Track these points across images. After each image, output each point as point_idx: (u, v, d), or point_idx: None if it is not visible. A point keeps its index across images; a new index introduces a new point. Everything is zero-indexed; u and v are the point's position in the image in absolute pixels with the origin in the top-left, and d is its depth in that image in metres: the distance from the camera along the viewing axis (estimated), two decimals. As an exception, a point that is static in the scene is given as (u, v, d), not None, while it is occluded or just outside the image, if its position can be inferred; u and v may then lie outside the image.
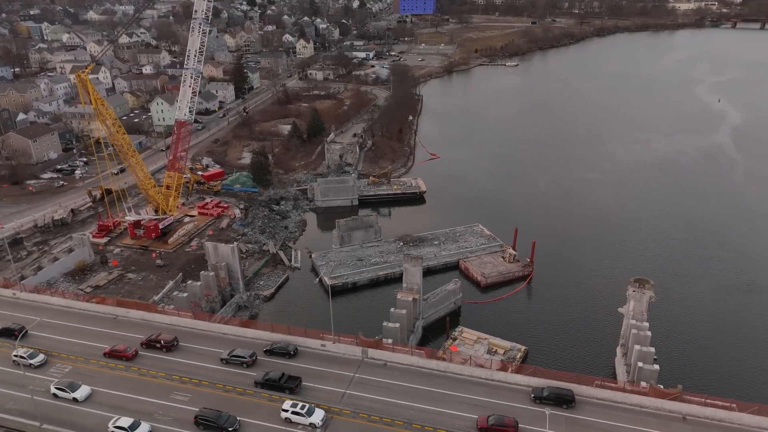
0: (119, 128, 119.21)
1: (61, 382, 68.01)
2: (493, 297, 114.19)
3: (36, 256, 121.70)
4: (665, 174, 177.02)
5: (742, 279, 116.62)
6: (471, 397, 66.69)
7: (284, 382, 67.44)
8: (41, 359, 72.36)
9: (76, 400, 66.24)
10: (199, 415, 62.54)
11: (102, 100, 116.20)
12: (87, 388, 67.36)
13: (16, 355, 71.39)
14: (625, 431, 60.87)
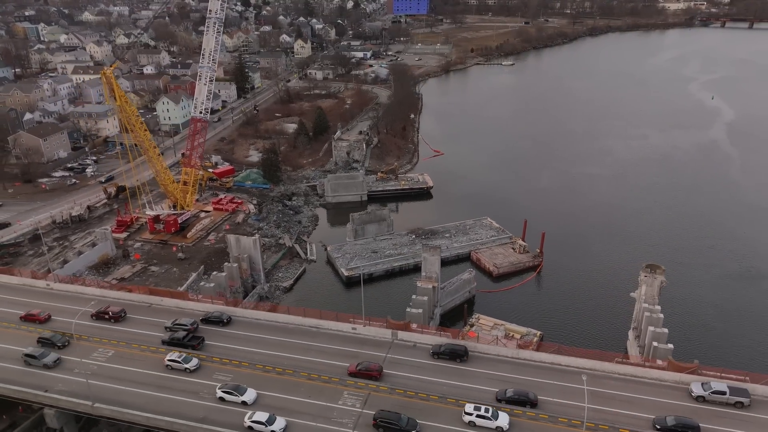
0: (141, 124, 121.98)
1: (228, 385, 66.87)
2: (506, 286, 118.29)
3: (57, 251, 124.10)
4: (664, 168, 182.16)
5: (744, 266, 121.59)
6: (499, 374, 70.34)
7: (188, 340, 74.98)
8: (195, 363, 70.63)
9: (245, 404, 64.93)
10: (378, 418, 61.53)
11: (126, 97, 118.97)
12: (254, 391, 66.19)
13: (171, 359, 70.89)
14: (647, 402, 64.73)
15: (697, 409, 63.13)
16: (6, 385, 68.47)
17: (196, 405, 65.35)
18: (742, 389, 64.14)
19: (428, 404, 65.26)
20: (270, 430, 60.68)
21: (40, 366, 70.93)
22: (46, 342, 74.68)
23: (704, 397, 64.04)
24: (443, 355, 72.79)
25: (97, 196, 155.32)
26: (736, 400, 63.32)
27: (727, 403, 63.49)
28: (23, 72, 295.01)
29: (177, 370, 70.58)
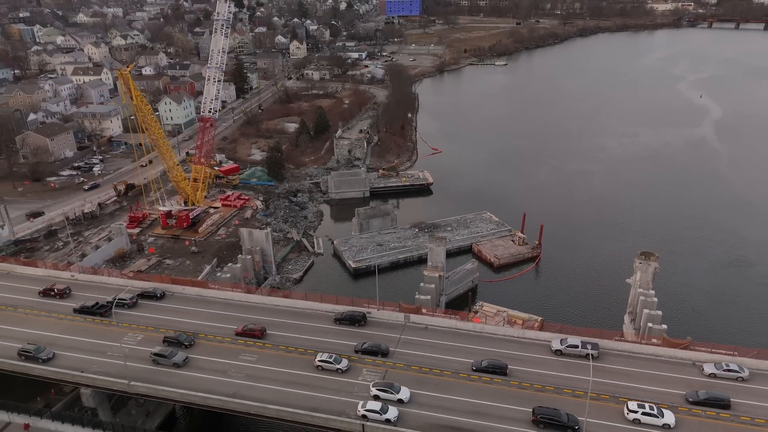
0: (156, 123, 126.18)
1: (381, 383, 67.63)
2: (507, 276, 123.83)
3: (73, 246, 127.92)
4: (655, 164, 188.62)
5: (732, 254, 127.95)
6: (506, 352, 75.34)
7: (96, 309, 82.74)
8: (346, 364, 71.15)
9: (401, 402, 65.26)
10: (539, 414, 61.39)
11: (141, 96, 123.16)
12: (407, 390, 66.45)
13: (322, 360, 71.50)
14: (643, 375, 70.10)
15: (692, 381, 68.69)
16: (44, 367, 72.58)
17: (352, 404, 65.64)
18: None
19: (442, 379, 70.26)
20: (384, 418, 62.61)
21: (170, 365, 72.03)
22: (173, 341, 75.49)
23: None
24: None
25: (106, 193, 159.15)
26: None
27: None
28: (23, 73, 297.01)
29: (328, 371, 71.16)
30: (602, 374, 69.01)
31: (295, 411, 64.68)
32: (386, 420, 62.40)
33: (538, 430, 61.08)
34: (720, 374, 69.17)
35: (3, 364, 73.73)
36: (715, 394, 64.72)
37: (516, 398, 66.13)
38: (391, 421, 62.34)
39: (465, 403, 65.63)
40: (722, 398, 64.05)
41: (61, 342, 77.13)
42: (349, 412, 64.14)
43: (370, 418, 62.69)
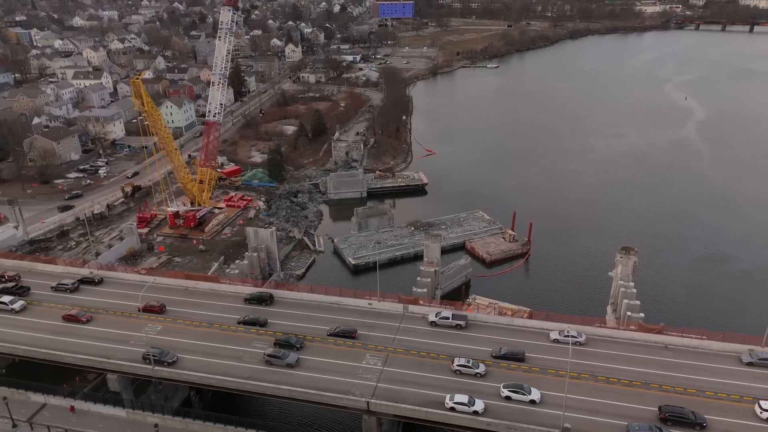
0: (165, 127, 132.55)
1: (511, 384, 69.84)
2: (498, 271, 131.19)
3: (84, 245, 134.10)
4: (640, 164, 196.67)
5: (710, 249, 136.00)
6: (496, 338, 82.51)
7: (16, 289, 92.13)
8: (483, 369, 73.05)
9: (533, 402, 67.58)
10: (667, 412, 63.90)
11: (152, 102, 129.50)
12: (538, 391, 68.78)
13: (460, 364, 73.92)
14: (621, 357, 77.38)
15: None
16: (75, 354, 78.93)
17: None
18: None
19: (435, 361, 77.28)
20: (472, 410, 66.61)
21: (283, 365, 75.43)
22: (284, 344, 78.84)
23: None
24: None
25: (113, 195, 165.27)
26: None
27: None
28: (24, 77, 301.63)
29: (466, 375, 73.51)
30: (584, 356, 76.44)
31: (306, 390, 71.59)
32: (474, 412, 66.42)
33: (666, 427, 63.70)
34: (673, 347, 77.93)
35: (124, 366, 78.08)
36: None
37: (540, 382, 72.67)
38: (479, 412, 66.45)
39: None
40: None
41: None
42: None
43: (458, 410, 66.54)
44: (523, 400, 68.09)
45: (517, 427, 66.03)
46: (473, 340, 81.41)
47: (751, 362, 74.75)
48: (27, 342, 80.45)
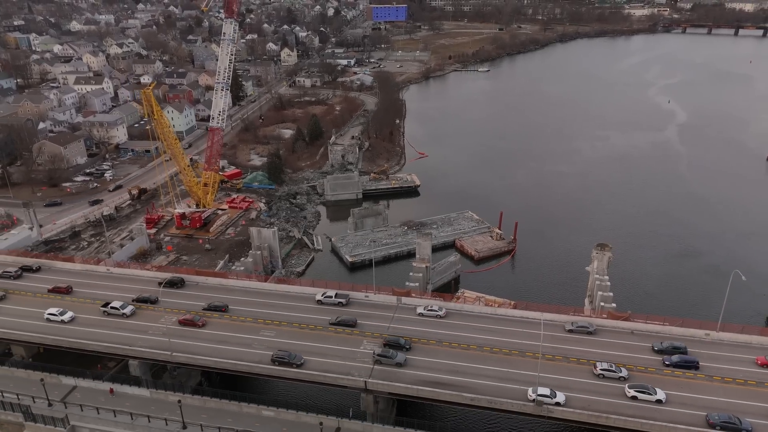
0: (172, 134, 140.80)
1: (637, 384, 73.27)
2: (486, 267, 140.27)
3: (96, 245, 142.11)
4: (622, 165, 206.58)
5: (683, 245, 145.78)
6: (482, 326, 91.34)
7: None
8: (625, 373, 75.89)
9: (659, 402, 70.82)
10: (719, 423, 67.49)
11: (161, 111, 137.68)
12: (662, 392, 71.86)
13: (603, 368, 76.61)
14: (591, 341, 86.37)
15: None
16: (99, 342, 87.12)
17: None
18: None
19: (429, 346, 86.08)
20: (555, 402, 71.40)
21: (393, 364, 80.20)
22: (393, 345, 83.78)
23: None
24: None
25: (120, 197, 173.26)
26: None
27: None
28: (25, 83, 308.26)
29: (610, 379, 76.66)
30: (551, 340, 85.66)
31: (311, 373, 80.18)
32: (556, 403, 71.58)
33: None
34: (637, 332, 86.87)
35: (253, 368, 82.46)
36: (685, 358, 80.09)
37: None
38: (561, 403, 71.71)
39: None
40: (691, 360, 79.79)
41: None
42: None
43: (545, 402, 71.77)
44: (650, 400, 71.86)
45: (497, 401, 74.94)
46: (456, 327, 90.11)
47: (570, 328, 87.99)
48: (150, 345, 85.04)
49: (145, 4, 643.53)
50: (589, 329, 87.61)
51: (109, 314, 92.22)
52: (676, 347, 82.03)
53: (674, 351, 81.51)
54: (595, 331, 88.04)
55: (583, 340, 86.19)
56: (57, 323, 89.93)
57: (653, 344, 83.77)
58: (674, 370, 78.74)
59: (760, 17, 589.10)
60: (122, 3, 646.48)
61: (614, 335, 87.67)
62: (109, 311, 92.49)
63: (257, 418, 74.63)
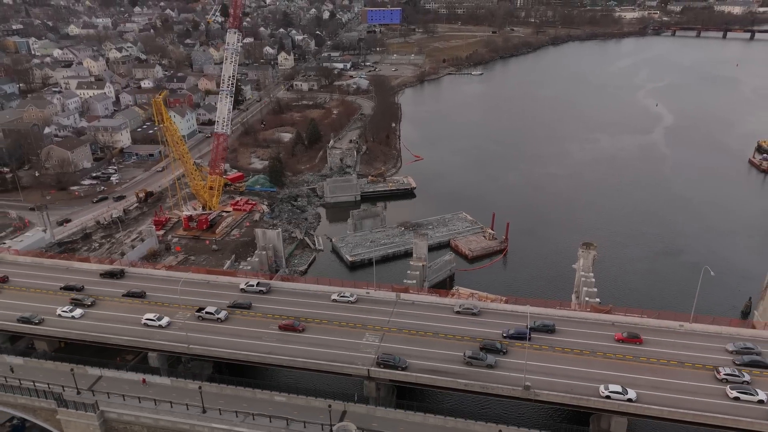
0: (180, 140, 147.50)
1: (742, 387, 77.59)
2: (479, 266, 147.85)
3: (107, 247, 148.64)
4: (611, 167, 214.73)
5: (665, 244, 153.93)
6: (475, 319, 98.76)
7: None
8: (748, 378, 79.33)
9: (761, 402, 74.45)
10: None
11: (171, 119, 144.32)
12: (763, 393, 75.46)
13: (726, 374, 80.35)
14: (574, 332, 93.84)
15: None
16: (120, 336, 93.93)
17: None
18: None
19: (425, 338, 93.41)
20: (627, 398, 76.50)
21: (483, 366, 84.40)
22: (490, 348, 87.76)
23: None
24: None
25: (127, 201, 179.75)
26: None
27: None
28: (27, 87, 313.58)
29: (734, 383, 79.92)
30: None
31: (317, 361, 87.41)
32: (628, 399, 76.59)
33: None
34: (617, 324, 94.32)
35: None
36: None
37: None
38: (633, 400, 76.59)
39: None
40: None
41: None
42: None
43: (613, 398, 77.10)
44: (751, 401, 75.83)
45: (489, 387, 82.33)
46: (459, 321, 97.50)
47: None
48: (249, 349, 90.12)
49: (142, 7, 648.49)
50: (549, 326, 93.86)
51: (204, 319, 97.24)
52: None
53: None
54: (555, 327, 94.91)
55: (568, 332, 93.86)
56: (155, 328, 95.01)
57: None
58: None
59: (748, 20, 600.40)
60: (119, 6, 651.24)
61: (597, 327, 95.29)
62: (204, 316, 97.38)
63: (270, 403, 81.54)
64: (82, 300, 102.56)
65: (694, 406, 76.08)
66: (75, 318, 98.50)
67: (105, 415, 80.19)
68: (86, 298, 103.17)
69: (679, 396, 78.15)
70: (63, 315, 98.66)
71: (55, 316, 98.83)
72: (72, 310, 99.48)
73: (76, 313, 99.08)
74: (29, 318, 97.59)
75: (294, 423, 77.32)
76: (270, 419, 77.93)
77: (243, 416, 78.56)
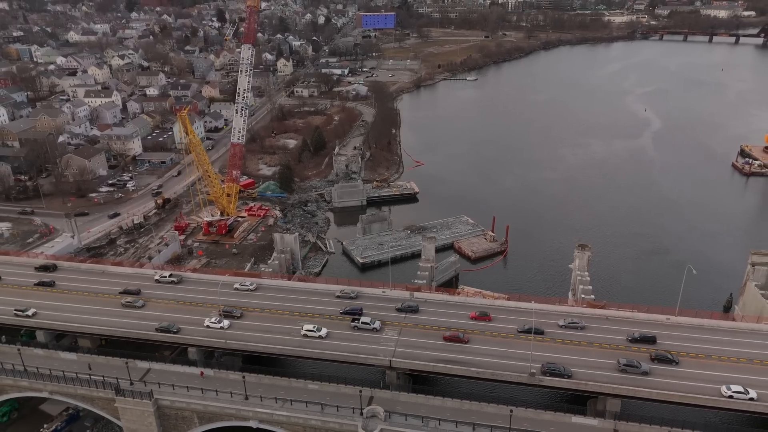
0: (203, 152, 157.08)
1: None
2: (481, 266, 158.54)
3: (132, 251, 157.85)
4: (602, 171, 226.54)
5: (654, 244, 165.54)
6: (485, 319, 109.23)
7: None
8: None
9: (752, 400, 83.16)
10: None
11: (194, 132, 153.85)
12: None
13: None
14: (571, 326, 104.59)
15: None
16: (158, 334, 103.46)
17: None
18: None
19: (436, 332, 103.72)
20: (748, 398, 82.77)
21: (639, 373, 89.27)
22: (662, 359, 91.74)
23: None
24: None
25: (144, 207, 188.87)
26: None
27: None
28: (35, 96, 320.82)
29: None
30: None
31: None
32: (750, 399, 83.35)
33: None
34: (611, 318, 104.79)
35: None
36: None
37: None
38: (754, 399, 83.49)
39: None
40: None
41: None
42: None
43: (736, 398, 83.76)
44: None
45: (500, 375, 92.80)
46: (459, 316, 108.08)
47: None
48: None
49: (139, 12, 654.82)
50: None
51: (359, 329, 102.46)
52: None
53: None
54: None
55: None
56: (315, 339, 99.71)
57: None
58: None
59: (733, 24, 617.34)
60: (116, 11, 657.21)
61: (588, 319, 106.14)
62: (359, 326, 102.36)
63: (304, 391, 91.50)
64: (231, 312, 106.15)
65: (672, 389, 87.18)
66: (224, 329, 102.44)
67: (159, 402, 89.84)
68: (235, 310, 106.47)
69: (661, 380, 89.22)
70: (212, 326, 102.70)
71: (203, 326, 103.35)
72: (319, 329, 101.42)
73: (225, 324, 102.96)
74: (168, 327, 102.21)
75: (328, 407, 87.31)
76: (306, 404, 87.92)
77: (282, 402, 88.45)
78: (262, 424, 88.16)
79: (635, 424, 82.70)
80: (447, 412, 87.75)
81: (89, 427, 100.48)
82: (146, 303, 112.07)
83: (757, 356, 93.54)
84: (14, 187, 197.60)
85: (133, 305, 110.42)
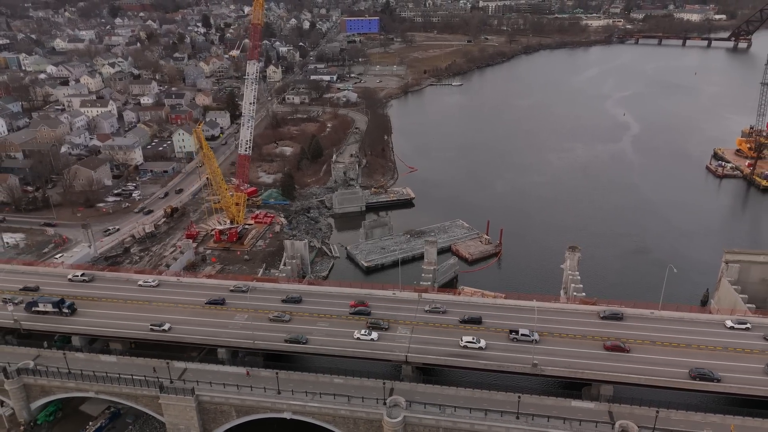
0: (216, 165, 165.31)
1: None
2: (478, 267, 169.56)
3: (146, 260, 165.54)
4: (586, 174, 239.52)
5: (636, 243, 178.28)
6: (487, 312, 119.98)
7: None
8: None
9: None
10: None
11: (208, 146, 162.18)
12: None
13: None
14: (564, 321, 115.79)
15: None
16: (192, 336, 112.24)
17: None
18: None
19: (445, 329, 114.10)
20: None
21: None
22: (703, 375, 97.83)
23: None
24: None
25: (153, 216, 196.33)
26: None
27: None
28: (30, 106, 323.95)
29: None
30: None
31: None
32: None
33: None
34: (605, 315, 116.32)
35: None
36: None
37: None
38: None
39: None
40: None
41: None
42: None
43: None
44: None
45: (507, 366, 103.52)
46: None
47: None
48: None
49: (123, 18, 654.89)
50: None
51: (518, 341, 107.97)
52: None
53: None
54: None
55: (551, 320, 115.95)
56: (475, 350, 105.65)
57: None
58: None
59: (705, 27, 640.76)
60: (99, 17, 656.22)
61: (581, 315, 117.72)
62: (519, 338, 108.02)
63: (330, 385, 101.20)
64: (378, 323, 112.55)
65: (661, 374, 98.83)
66: (374, 341, 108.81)
67: (200, 397, 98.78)
68: (381, 322, 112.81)
69: (651, 367, 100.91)
70: (362, 338, 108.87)
71: (353, 338, 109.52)
72: (477, 341, 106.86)
73: (483, 344, 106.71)
74: (298, 338, 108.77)
75: (354, 399, 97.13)
76: (334, 396, 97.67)
77: (311, 395, 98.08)
78: (295, 415, 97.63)
79: (627, 406, 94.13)
80: (460, 400, 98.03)
81: (131, 423, 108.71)
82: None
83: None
84: (23, 198, 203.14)
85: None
